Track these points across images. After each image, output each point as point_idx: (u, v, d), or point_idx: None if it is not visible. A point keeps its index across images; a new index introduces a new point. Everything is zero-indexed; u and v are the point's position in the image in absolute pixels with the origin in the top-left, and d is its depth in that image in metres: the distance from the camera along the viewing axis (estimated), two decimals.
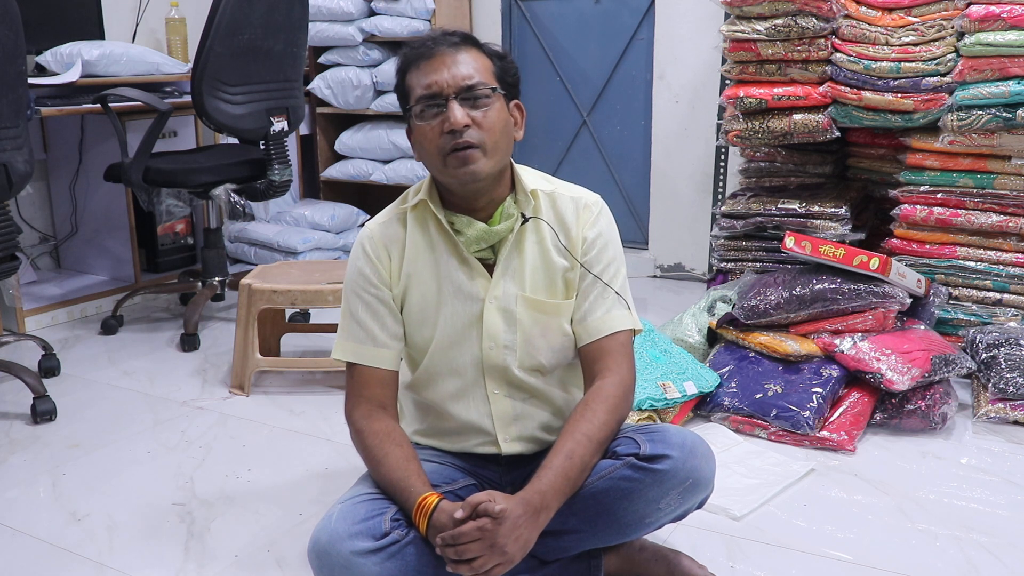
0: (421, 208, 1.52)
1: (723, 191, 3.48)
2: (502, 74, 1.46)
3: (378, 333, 1.51)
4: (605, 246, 1.53)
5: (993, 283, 2.60)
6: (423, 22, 3.75)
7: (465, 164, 1.40)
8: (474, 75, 1.41)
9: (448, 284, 1.50)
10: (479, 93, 1.41)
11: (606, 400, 1.44)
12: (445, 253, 1.51)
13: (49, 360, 2.74)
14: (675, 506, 1.44)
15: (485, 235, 1.48)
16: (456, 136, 1.39)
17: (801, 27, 2.62)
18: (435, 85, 1.40)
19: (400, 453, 1.42)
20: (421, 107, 1.42)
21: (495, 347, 1.51)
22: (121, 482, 2.07)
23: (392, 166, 3.98)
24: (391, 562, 1.32)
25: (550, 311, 1.51)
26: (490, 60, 1.46)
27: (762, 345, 2.40)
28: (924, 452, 2.16)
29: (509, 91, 1.47)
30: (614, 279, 1.52)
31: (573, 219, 1.52)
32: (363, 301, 1.52)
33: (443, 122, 1.39)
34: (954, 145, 2.55)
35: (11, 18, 2.19)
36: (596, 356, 1.50)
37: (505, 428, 1.55)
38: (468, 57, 1.42)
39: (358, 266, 1.52)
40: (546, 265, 1.52)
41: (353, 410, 1.51)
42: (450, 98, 1.39)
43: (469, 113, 1.40)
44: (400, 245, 1.52)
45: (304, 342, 2.98)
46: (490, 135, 1.41)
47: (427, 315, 1.52)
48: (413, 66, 1.44)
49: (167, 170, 2.93)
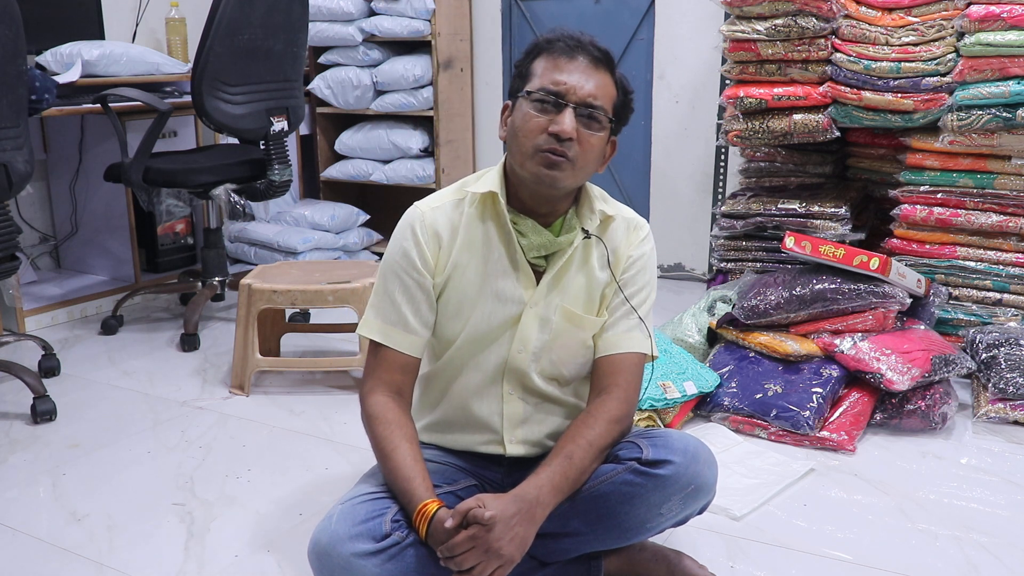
0: (485, 200, 1.50)
1: (723, 191, 3.48)
2: (620, 108, 1.47)
3: (411, 319, 1.49)
4: (643, 269, 1.55)
5: (993, 283, 2.60)
6: (423, 22, 3.75)
7: (551, 168, 1.39)
8: (600, 98, 1.41)
9: (492, 283, 1.49)
10: (596, 116, 1.41)
11: (609, 412, 1.45)
12: (498, 251, 1.49)
13: (49, 360, 2.74)
14: (676, 511, 1.44)
15: (548, 244, 1.48)
16: (557, 141, 1.38)
17: (801, 27, 2.62)
18: (563, 86, 1.39)
19: (408, 449, 1.42)
20: (541, 96, 1.40)
21: (523, 351, 1.51)
22: (121, 482, 2.07)
23: (392, 166, 3.98)
24: (391, 564, 1.32)
25: (584, 325, 1.52)
26: (616, 90, 1.45)
27: (762, 345, 2.40)
28: (924, 452, 2.16)
29: (617, 126, 1.48)
30: (642, 305, 1.54)
31: (623, 238, 1.54)
32: (402, 283, 1.49)
33: (551, 122, 1.39)
34: (954, 145, 2.55)
35: (11, 18, 2.19)
36: (607, 371, 1.50)
37: (513, 429, 1.55)
38: (602, 79, 1.42)
39: (404, 247, 1.49)
40: (589, 282, 1.52)
41: (369, 393, 1.48)
42: (570, 105, 1.39)
43: (579, 128, 1.40)
44: (452, 233, 1.49)
45: (304, 342, 2.98)
46: (584, 156, 1.41)
47: (463, 309, 1.50)
48: (549, 55, 1.43)
49: (167, 170, 2.93)
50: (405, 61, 3.83)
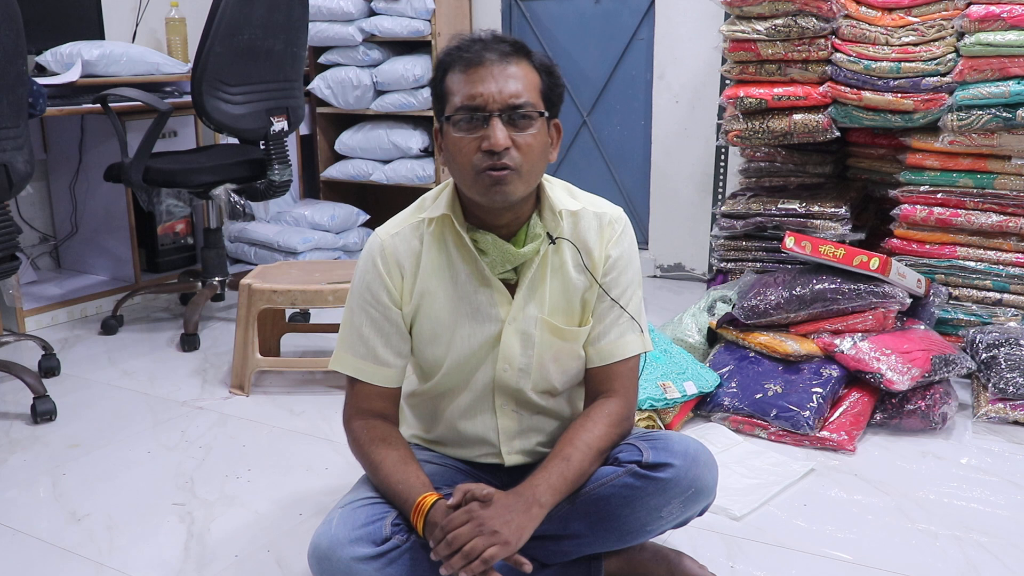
0: (441, 222, 1.44)
1: (723, 191, 3.48)
2: (549, 92, 1.37)
3: (381, 351, 1.45)
4: (625, 268, 1.47)
5: (993, 283, 2.60)
6: (423, 22, 3.75)
7: (498, 185, 1.32)
8: (522, 94, 1.32)
9: (466, 305, 1.44)
10: (525, 114, 1.32)
11: (609, 415, 1.44)
12: (464, 272, 1.43)
13: (49, 360, 2.74)
14: (677, 514, 1.44)
15: (510, 257, 1.41)
16: (494, 157, 1.31)
17: (801, 27, 2.61)
18: (480, 98, 1.31)
19: (397, 455, 1.41)
20: (461, 117, 1.32)
21: (509, 370, 1.47)
22: (121, 482, 2.07)
23: (392, 166, 3.98)
24: (391, 568, 1.31)
25: (568, 337, 1.47)
26: (539, 75, 1.36)
27: (762, 345, 2.40)
28: (924, 452, 2.16)
29: (552, 110, 1.39)
30: (630, 302, 1.48)
31: (596, 237, 1.46)
32: (369, 317, 1.45)
33: (482, 139, 1.31)
34: (954, 145, 2.55)
35: (12, 18, 2.19)
36: (604, 378, 1.49)
37: (509, 441, 1.54)
38: (518, 71, 1.33)
39: (367, 280, 1.45)
40: (565, 287, 1.46)
41: (351, 420, 1.48)
42: (493, 115, 1.31)
43: (511, 135, 1.31)
44: (415, 260, 1.44)
45: (304, 342, 2.98)
46: (527, 159, 1.33)
47: (440, 334, 1.46)
48: (457, 69, 1.34)
49: (167, 170, 2.93)
50: (405, 61, 3.83)
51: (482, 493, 1.28)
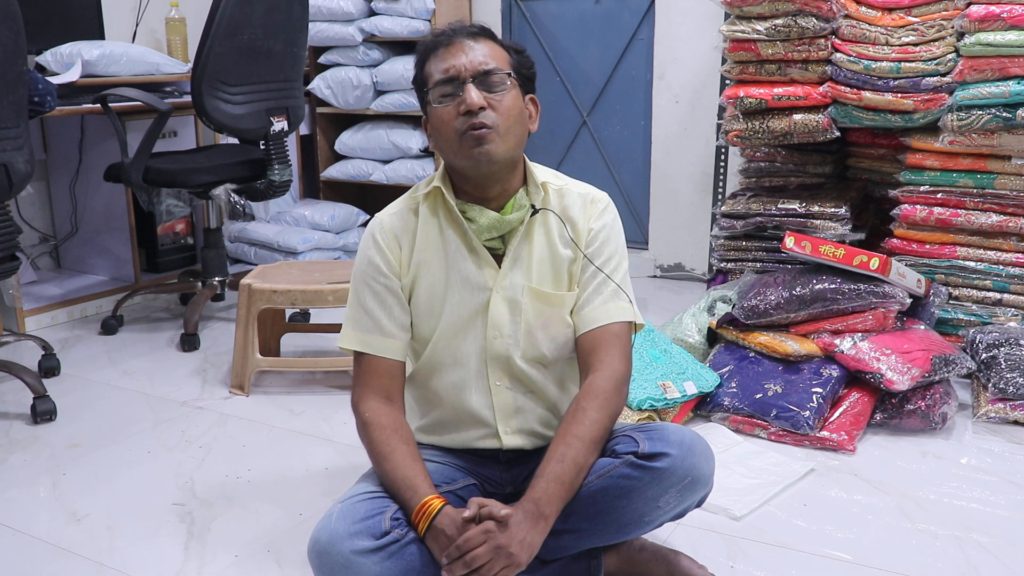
0: (433, 195, 1.53)
1: (723, 191, 3.48)
2: (519, 67, 1.49)
3: (385, 322, 1.52)
4: (608, 239, 1.54)
5: (993, 283, 2.60)
6: (423, 22, 3.75)
7: (480, 143, 1.41)
8: (491, 61, 1.44)
9: (456, 273, 1.52)
10: (495, 80, 1.44)
11: (596, 397, 1.43)
12: (455, 241, 1.52)
13: (49, 360, 2.74)
14: (674, 504, 1.44)
15: (497, 224, 1.49)
16: (472, 117, 1.41)
17: (801, 27, 2.61)
18: (452, 69, 1.43)
19: (406, 451, 1.43)
20: (439, 92, 1.44)
21: (499, 336, 1.51)
22: (121, 482, 2.07)
23: (392, 166, 3.98)
24: (391, 561, 1.32)
25: (555, 303, 1.52)
26: (507, 52, 1.49)
27: (762, 345, 2.40)
28: (924, 452, 2.16)
29: (525, 84, 1.50)
30: (615, 272, 1.53)
31: (580, 212, 1.54)
32: (372, 290, 1.52)
33: (459, 104, 1.42)
34: (954, 145, 2.55)
35: (12, 18, 2.19)
36: (591, 347, 1.50)
37: (506, 420, 1.55)
38: (486, 46, 1.46)
39: (368, 255, 1.53)
40: (553, 257, 1.53)
41: (360, 401, 1.51)
42: (467, 81, 1.42)
43: (485, 96, 1.42)
44: (411, 234, 1.53)
45: (304, 342, 2.98)
46: (505, 119, 1.43)
47: (434, 304, 1.53)
48: (432, 54, 1.48)
49: (167, 170, 2.93)
50: (405, 61, 3.83)
51: (500, 514, 1.29)
